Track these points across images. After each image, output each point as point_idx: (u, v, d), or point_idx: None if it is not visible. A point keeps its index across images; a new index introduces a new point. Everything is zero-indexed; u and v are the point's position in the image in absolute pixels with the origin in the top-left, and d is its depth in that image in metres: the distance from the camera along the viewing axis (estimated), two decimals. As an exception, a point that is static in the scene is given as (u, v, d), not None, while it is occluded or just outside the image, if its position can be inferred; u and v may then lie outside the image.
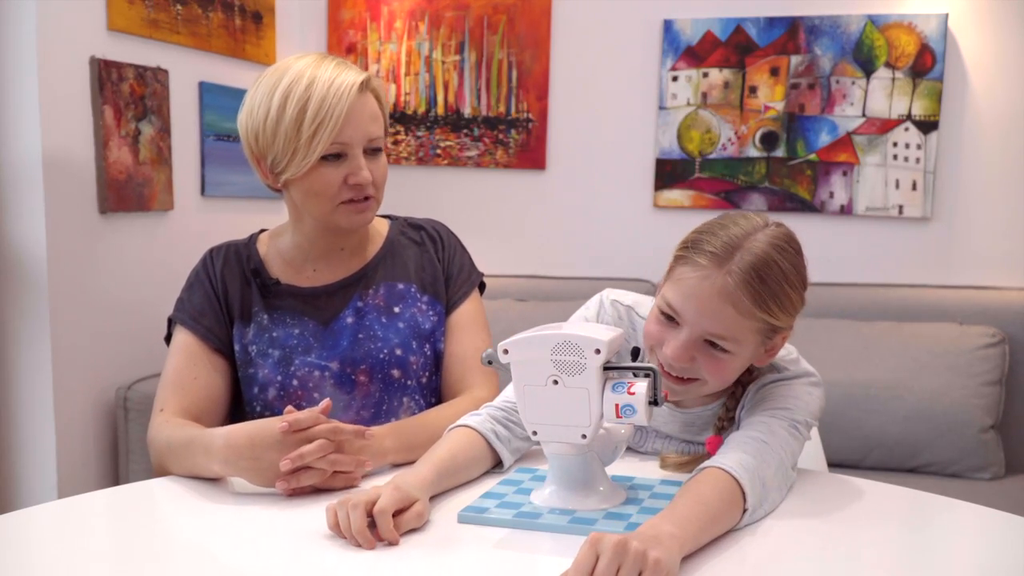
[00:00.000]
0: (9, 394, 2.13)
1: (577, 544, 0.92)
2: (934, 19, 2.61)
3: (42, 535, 1.08)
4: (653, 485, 1.21)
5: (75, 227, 2.14)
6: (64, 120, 2.10)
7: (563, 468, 1.15)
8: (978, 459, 2.28)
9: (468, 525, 1.09)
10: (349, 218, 1.42)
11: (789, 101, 2.75)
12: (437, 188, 3.01)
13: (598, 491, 1.14)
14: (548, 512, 1.11)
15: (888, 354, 2.39)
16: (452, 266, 1.56)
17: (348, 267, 1.50)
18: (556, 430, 1.12)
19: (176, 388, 1.41)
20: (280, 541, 1.06)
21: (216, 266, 1.49)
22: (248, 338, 1.45)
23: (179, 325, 1.47)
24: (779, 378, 1.26)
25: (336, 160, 1.38)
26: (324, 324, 1.46)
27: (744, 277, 1.14)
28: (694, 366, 1.19)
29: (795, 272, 1.19)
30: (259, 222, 1.75)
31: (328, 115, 1.35)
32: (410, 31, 3.00)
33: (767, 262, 1.15)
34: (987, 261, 2.66)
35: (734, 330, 1.16)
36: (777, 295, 1.16)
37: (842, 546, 1.08)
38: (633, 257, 2.85)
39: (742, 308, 1.14)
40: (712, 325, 1.16)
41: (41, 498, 2.09)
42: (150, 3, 2.31)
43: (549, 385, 1.10)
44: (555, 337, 1.09)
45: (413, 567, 1.00)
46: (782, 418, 1.20)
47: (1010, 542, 1.10)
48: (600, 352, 1.08)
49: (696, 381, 1.21)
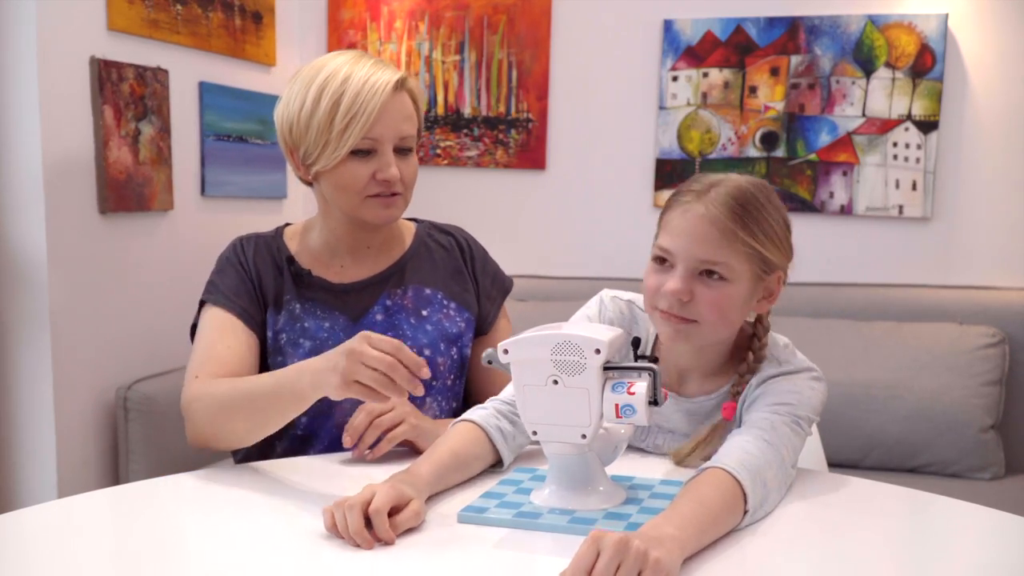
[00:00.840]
0: (9, 394, 2.13)
1: (576, 544, 0.92)
2: (934, 19, 2.61)
3: (42, 535, 1.08)
4: (653, 485, 1.21)
5: (75, 227, 2.14)
6: (64, 120, 2.10)
7: (563, 468, 1.15)
8: (978, 459, 2.28)
9: (468, 525, 1.09)
10: (376, 212, 1.43)
11: (789, 101, 2.75)
12: (437, 188, 3.01)
13: (598, 491, 1.14)
14: (548, 512, 1.11)
15: (888, 354, 2.39)
16: (485, 277, 1.58)
17: (376, 265, 1.52)
18: (556, 430, 1.12)
19: (210, 357, 1.39)
20: (280, 541, 1.06)
21: (248, 253, 1.49)
22: (279, 326, 1.45)
23: (212, 306, 1.44)
24: (781, 372, 1.27)
25: (366, 156, 1.40)
26: (354, 320, 1.47)
27: (724, 201, 1.21)
28: (694, 304, 1.22)
29: (774, 208, 1.25)
30: (259, 222, 1.75)
31: (361, 110, 1.37)
32: (410, 31, 3.00)
33: (745, 192, 1.23)
34: (987, 261, 2.66)
35: (724, 254, 1.21)
36: (758, 221, 1.22)
37: (842, 546, 1.08)
38: (633, 257, 2.84)
39: (727, 231, 1.20)
40: (702, 251, 1.21)
41: (41, 498, 2.09)
42: (150, 3, 2.31)
43: (549, 385, 1.10)
44: (555, 337, 1.09)
45: (412, 567, 1.00)
46: (784, 414, 1.21)
47: (1010, 542, 1.10)
48: (600, 352, 1.08)
49: (697, 323, 1.23)
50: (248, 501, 1.18)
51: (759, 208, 1.23)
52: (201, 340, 1.42)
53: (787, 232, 1.27)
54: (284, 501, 1.17)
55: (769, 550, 1.05)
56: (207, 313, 1.45)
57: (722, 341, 1.31)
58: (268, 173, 2.79)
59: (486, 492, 1.18)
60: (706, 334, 1.25)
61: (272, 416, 1.25)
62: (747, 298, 1.25)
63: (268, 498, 1.18)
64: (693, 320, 1.23)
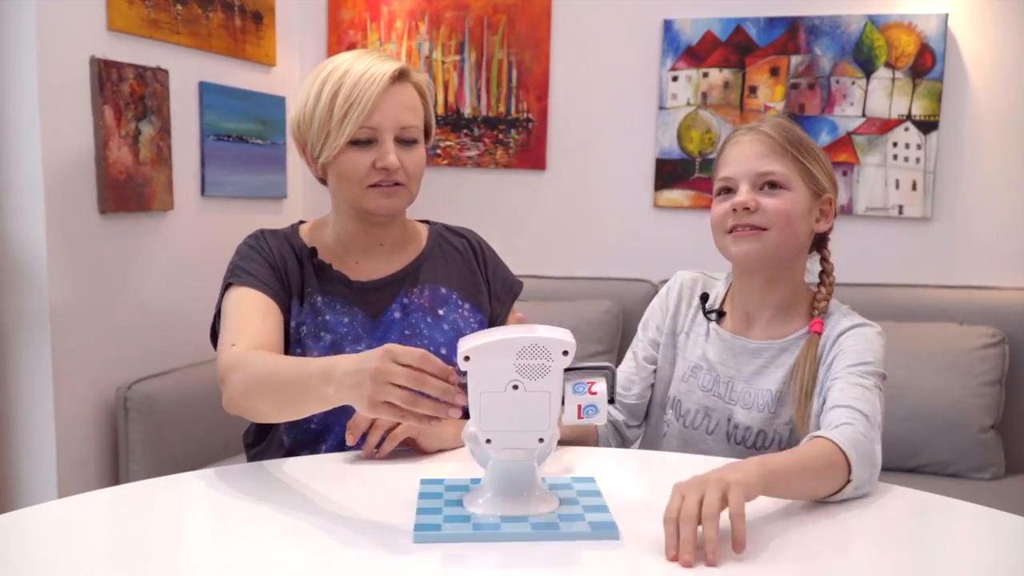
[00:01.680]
0: (9, 394, 2.13)
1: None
2: (934, 19, 2.61)
3: (42, 535, 1.08)
4: (570, 484, 1.21)
5: (75, 227, 2.14)
6: (64, 120, 2.10)
7: (507, 474, 1.11)
8: (978, 459, 2.28)
9: (422, 544, 1.04)
10: (377, 201, 1.43)
11: (789, 101, 2.75)
12: (437, 188, 3.01)
13: (535, 495, 1.12)
14: (502, 521, 1.07)
15: (888, 354, 2.38)
16: (496, 280, 1.59)
17: (391, 264, 1.52)
18: (512, 436, 1.08)
19: (246, 328, 1.35)
20: (280, 541, 1.06)
21: (271, 243, 1.48)
22: (301, 317, 1.45)
23: (240, 286, 1.41)
24: (853, 324, 1.39)
25: (367, 145, 1.41)
26: (373, 317, 1.48)
27: (773, 126, 1.39)
28: (761, 213, 1.36)
29: (812, 140, 1.41)
30: (259, 222, 1.75)
31: (358, 99, 1.38)
32: (410, 31, 3.00)
33: (784, 123, 1.41)
34: (987, 261, 2.66)
35: (780, 164, 1.36)
36: (803, 142, 1.39)
37: (841, 545, 1.08)
38: (633, 257, 2.85)
39: (778, 148, 1.37)
40: (760, 164, 1.37)
41: (41, 498, 2.09)
42: (150, 3, 2.31)
43: (508, 391, 1.05)
44: (521, 341, 1.05)
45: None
46: (869, 375, 1.32)
47: (1010, 542, 1.10)
48: (568, 353, 1.05)
49: (766, 231, 1.36)
50: (249, 501, 1.18)
51: (802, 135, 1.40)
52: (232, 313, 1.38)
53: (828, 161, 1.42)
54: (284, 501, 1.17)
55: (768, 549, 1.05)
56: (235, 292, 1.41)
57: (790, 264, 1.42)
58: (268, 173, 2.79)
59: (421, 509, 1.12)
60: (776, 241, 1.37)
61: (299, 407, 1.20)
62: (806, 211, 1.38)
63: (269, 498, 1.18)
64: (763, 228, 1.36)
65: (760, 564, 1.02)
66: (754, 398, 1.43)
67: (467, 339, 1.07)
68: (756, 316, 1.46)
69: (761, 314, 1.46)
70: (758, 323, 1.46)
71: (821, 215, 1.42)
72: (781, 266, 1.41)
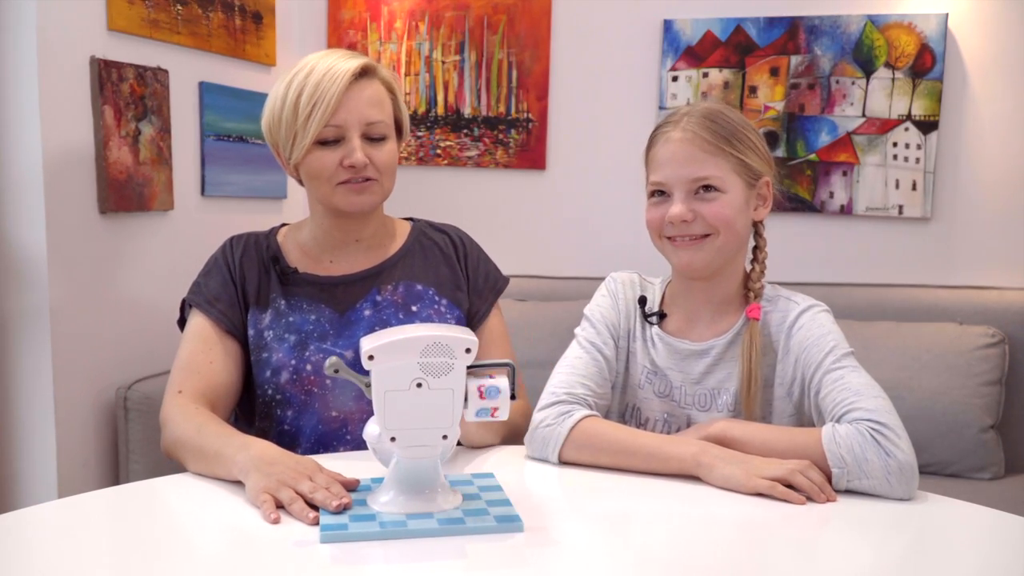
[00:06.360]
0: (9, 394, 2.13)
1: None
2: (934, 19, 2.61)
3: (42, 535, 1.08)
4: (470, 480, 1.22)
5: (75, 227, 2.14)
6: (64, 120, 2.10)
7: (411, 472, 1.12)
8: (978, 459, 2.28)
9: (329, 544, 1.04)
10: (347, 199, 1.44)
11: (789, 101, 2.75)
12: (437, 188, 3.01)
13: (438, 492, 1.12)
14: (409, 518, 1.08)
15: (888, 354, 2.38)
16: (477, 275, 1.59)
17: (366, 260, 1.53)
18: (416, 434, 1.09)
19: (192, 371, 1.44)
20: (279, 541, 1.06)
21: (236, 253, 1.52)
22: (265, 323, 1.47)
23: (194, 308, 1.50)
24: (800, 310, 1.36)
25: (334, 144, 1.42)
26: (340, 313, 1.48)
27: (699, 122, 1.32)
28: (700, 221, 1.32)
29: (743, 122, 1.36)
30: (259, 222, 1.75)
31: (321, 97, 1.39)
32: (410, 31, 3.00)
33: (715, 111, 1.34)
34: (987, 261, 2.66)
35: (712, 166, 1.31)
36: (734, 132, 1.33)
37: (841, 545, 1.08)
38: (633, 257, 2.85)
39: (708, 146, 1.31)
40: (692, 170, 1.31)
41: (41, 498, 2.09)
42: (150, 3, 2.31)
43: (412, 389, 1.07)
44: (424, 339, 1.06)
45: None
46: (844, 365, 1.31)
47: (1010, 542, 1.11)
48: (471, 351, 1.07)
49: (708, 236, 1.33)
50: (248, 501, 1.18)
51: (731, 122, 1.34)
52: (184, 350, 1.48)
53: (761, 140, 1.37)
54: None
55: (767, 549, 1.05)
56: (191, 319, 1.50)
57: (732, 260, 1.38)
58: (268, 173, 2.79)
59: (325, 509, 1.11)
60: (720, 245, 1.33)
61: (215, 472, 1.26)
62: (744, 205, 1.34)
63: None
64: (705, 235, 1.33)
65: (759, 564, 1.02)
66: (710, 399, 1.39)
67: (370, 338, 1.08)
68: (698, 315, 1.42)
69: (703, 312, 1.41)
70: (701, 322, 1.42)
71: (760, 200, 1.38)
72: (724, 264, 1.38)
